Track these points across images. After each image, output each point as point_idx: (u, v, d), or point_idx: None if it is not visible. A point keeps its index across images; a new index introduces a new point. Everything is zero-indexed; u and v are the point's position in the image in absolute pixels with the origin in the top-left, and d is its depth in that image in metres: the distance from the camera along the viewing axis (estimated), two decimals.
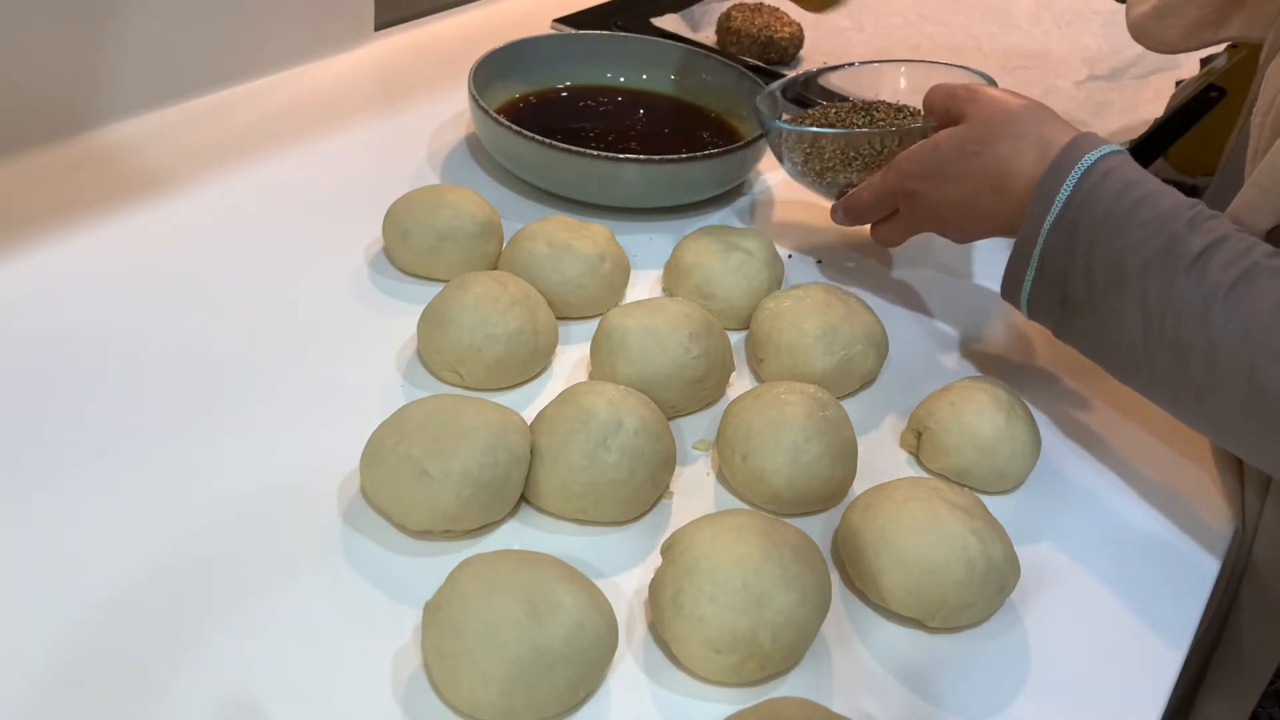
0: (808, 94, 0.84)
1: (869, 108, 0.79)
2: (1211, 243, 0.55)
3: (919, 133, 0.71)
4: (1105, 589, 0.58)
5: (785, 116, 0.81)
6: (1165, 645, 0.55)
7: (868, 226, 0.75)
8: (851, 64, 0.84)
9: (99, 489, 0.55)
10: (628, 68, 0.95)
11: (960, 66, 0.80)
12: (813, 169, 0.76)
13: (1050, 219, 0.59)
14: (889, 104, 0.80)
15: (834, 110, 0.79)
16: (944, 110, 0.68)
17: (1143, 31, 0.77)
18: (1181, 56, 1.10)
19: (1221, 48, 1.10)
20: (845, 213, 0.74)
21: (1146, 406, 0.63)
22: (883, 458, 0.64)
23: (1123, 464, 0.66)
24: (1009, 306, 0.78)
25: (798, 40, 1.06)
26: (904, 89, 0.82)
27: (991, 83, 0.75)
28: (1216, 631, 0.68)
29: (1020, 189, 0.62)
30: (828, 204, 0.86)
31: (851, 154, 0.74)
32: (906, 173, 0.68)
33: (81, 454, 0.56)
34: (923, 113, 0.73)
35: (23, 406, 0.59)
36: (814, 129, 0.75)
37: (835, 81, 0.85)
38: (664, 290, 0.75)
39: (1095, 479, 0.65)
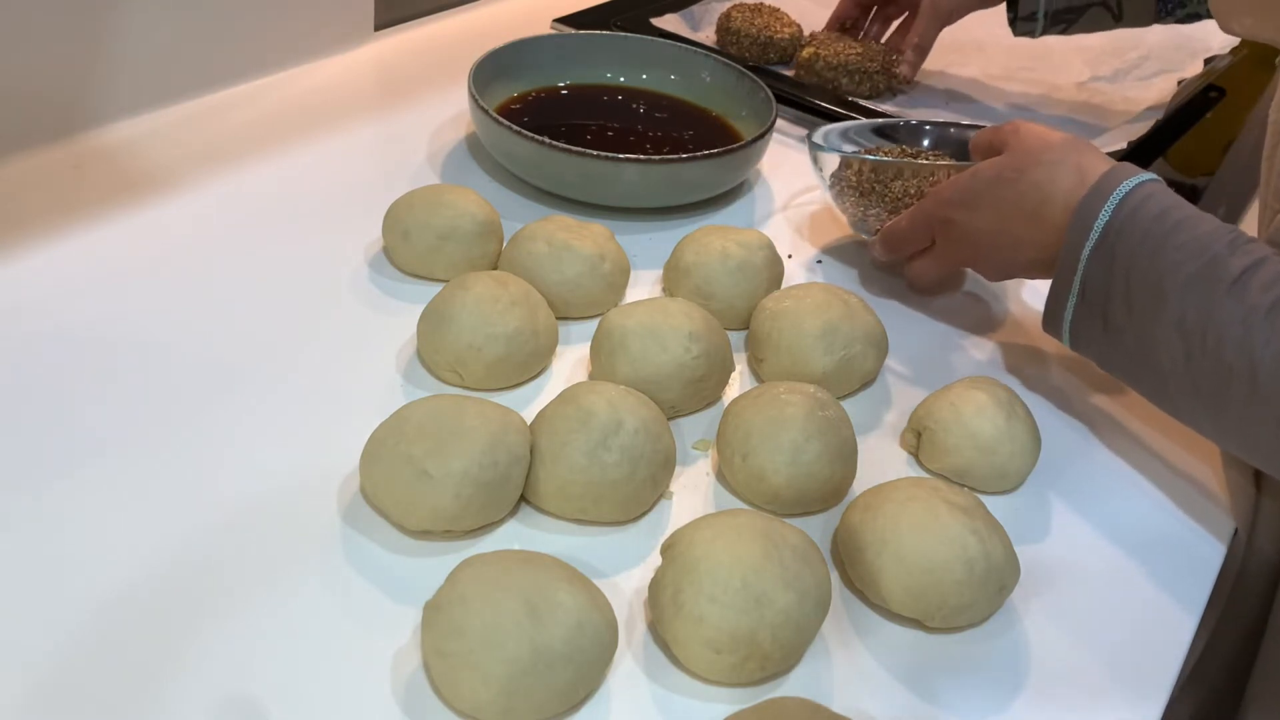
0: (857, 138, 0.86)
1: (916, 155, 0.81)
2: (1251, 264, 0.55)
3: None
4: (1106, 589, 0.58)
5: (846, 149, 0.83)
6: (1165, 645, 0.55)
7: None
8: (897, 120, 0.86)
9: (98, 489, 0.55)
10: (628, 68, 0.95)
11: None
12: (869, 199, 0.77)
13: (1090, 244, 0.60)
14: (934, 154, 0.82)
15: (884, 153, 0.82)
16: (988, 146, 0.70)
17: (1217, 10, 0.75)
18: (1185, 56, 1.10)
19: (1226, 49, 1.10)
20: (882, 242, 0.75)
21: (1147, 407, 0.63)
22: (883, 458, 0.64)
23: (1123, 464, 0.66)
24: (1007, 305, 0.78)
25: (798, 40, 1.06)
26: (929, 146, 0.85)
27: None
28: (1251, 641, 0.67)
29: (1056, 214, 0.62)
30: (826, 204, 0.86)
31: (908, 184, 0.75)
32: (944, 200, 0.69)
33: (81, 454, 0.56)
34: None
35: (22, 406, 0.59)
36: (885, 159, 0.77)
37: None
38: (664, 290, 0.75)
39: (1095, 479, 0.65)
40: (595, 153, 0.77)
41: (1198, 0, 0.88)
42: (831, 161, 0.78)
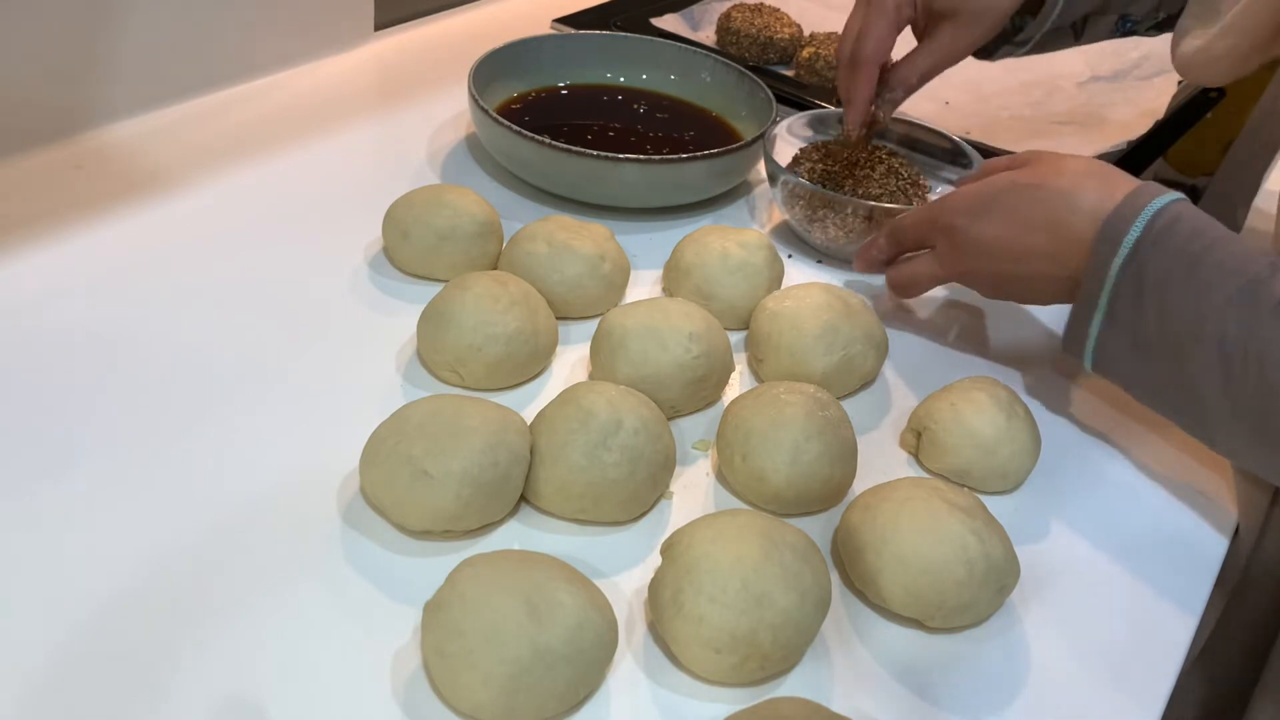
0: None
1: (871, 156, 0.82)
2: None
3: (898, 212, 0.74)
4: (1106, 588, 0.58)
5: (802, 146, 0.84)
6: (1165, 644, 0.55)
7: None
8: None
9: (99, 489, 0.55)
10: (628, 68, 0.95)
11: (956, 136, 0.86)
12: (808, 215, 0.79)
13: (1119, 260, 0.58)
14: (898, 153, 0.83)
15: (845, 149, 0.82)
16: (1004, 169, 0.67)
17: (1188, 67, 0.75)
18: None
19: None
20: (887, 237, 0.71)
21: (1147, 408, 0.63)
22: (883, 458, 0.64)
23: (1123, 464, 0.66)
24: (1008, 305, 0.78)
25: (798, 40, 1.06)
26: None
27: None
28: (1257, 631, 0.67)
29: (1080, 225, 0.60)
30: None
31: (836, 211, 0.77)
32: (950, 207, 0.66)
33: (81, 454, 0.56)
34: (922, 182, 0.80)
35: (23, 406, 0.59)
36: (809, 184, 0.78)
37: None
38: (664, 290, 0.75)
39: (1095, 479, 0.65)
40: (595, 153, 0.77)
41: (1145, 27, 0.88)
42: (781, 170, 0.79)
